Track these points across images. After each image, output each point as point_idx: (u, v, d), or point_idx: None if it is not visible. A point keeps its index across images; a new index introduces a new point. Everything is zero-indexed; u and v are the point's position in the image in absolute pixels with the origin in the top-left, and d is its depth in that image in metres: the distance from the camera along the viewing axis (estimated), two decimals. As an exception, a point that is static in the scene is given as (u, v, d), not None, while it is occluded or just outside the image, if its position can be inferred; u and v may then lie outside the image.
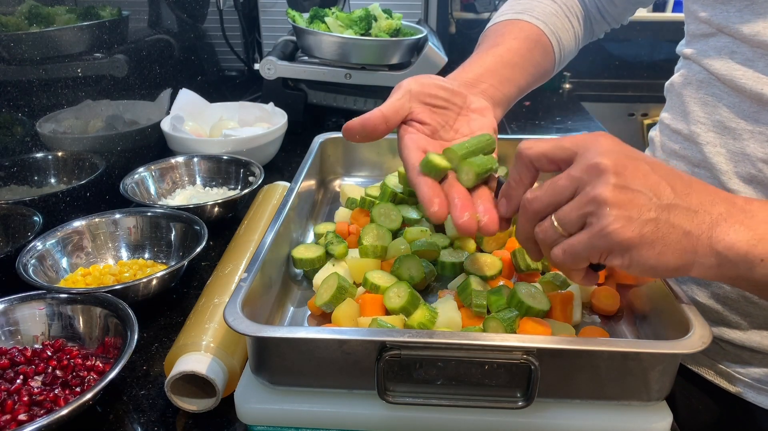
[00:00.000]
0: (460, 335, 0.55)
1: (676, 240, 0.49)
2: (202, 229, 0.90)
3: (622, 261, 0.50)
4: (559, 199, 0.51)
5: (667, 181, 0.50)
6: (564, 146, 0.52)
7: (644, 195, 0.49)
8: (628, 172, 0.49)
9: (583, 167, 0.50)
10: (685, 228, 0.49)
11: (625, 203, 0.48)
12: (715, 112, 0.70)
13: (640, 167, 0.50)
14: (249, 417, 0.60)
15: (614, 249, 0.50)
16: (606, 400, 0.57)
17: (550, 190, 0.52)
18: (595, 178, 0.49)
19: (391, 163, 1.03)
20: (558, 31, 0.87)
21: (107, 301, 0.74)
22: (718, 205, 0.51)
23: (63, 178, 1.04)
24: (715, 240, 0.50)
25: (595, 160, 0.49)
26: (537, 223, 0.54)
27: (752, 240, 0.50)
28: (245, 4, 1.82)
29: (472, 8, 2.19)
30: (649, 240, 0.49)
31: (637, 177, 0.49)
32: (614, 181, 0.48)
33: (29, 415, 0.63)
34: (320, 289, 0.71)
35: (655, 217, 0.49)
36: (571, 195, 0.51)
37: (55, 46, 1.01)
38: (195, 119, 1.35)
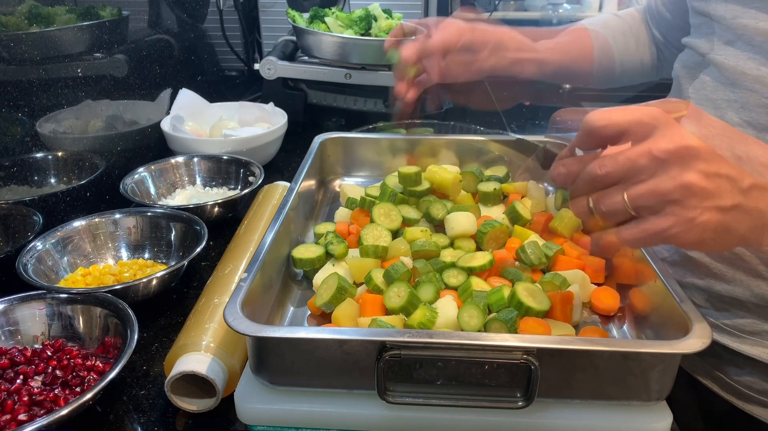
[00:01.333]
0: (460, 335, 0.55)
1: (750, 220, 0.50)
2: (202, 229, 0.90)
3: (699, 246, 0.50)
4: (636, 177, 0.49)
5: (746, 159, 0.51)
6: (643, 121, 0.49)
7: (731, 180, 0.48)
8: (715, 156, 0.48)
9: (670, 147, 0.47)
10: (759, 208, 0.50)
11: (713, 192, 0.47)
12: (701, 87, 0.75)
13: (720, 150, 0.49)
14: (249, 417, 0.60)
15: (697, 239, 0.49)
16: (606, 400, 0.57)
17: (626, 165, 0.49)
18: (684, 162, 0.47)
19: (391, 163, 1.03)
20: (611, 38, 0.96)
21: (107, 301, 0.74)
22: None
23: (63, 178, 1.04)
24: None
25: (682, 141, 0.47)
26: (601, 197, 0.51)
27: None
28: (245, 4, 1.82)
29: (472, 8, 2.19)
30: (728, 227, 0.49)
31: (723, 161, 0.48)
32: (704, 168, 0.47)
33: (29, 415, 0.63)
34: (320, 289, 0.71)
35: (737, 203, 0.48)
36: (650, 176, 0.48)
37: (55, 46, 1.01)
38: (195, 119, 1.35)
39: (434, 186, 0.92)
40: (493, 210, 0.90)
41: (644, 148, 0.48)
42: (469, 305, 0.66)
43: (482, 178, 0.96)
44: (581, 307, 0.71)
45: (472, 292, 0.69)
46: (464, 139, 1.03)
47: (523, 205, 0.86)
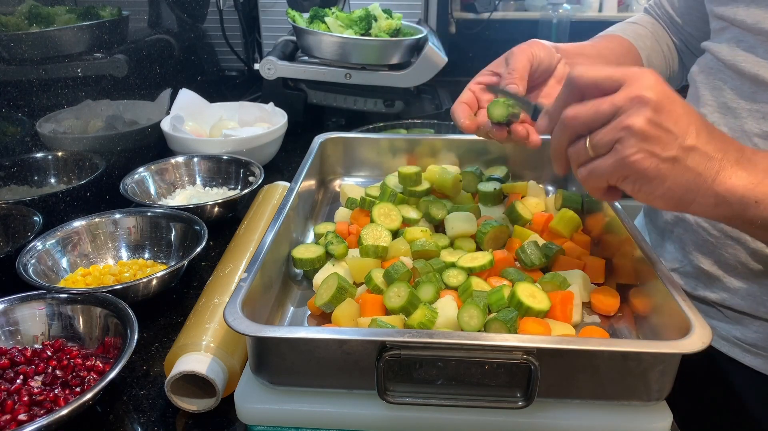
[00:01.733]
0: (460, 335, 0.55)
1: (686, 179, 0.54)
2: (202, 229, 0.90)
3: (633, 188, 0.56)
4: (597, 121, 0.55)
5: (695, 126, 0.54)
6: (614, 77, 0.55)
7: (672, 134, 0.53)
8: (665, 110, 0.53)
9: (627, 96, 0.53)
10: (697, 170, 0.54)
11: (653, 138, 0.53)
12: (720, 95, 0.75)
13: (676, 108, 0.54)
14: (249, 417, 0.60)
15: (630, 176, 0.55)
16: (606, 400, 0.57)
17: (592, 110, 0.55)
18: (634, 108, 0.53)
19: (391, 162, 1.03)
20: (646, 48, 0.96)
21: (107, 301, 0.73)
22: (730, 152, 0.56)
23: (63, 178, 1.04)
24: (718, 182, 0.55)
25: (640, 92, 0.53)
26: (572, 142, 0.58)
27: (749, 185, 0.55)
28: (245, 4, 1.82)
29: (472, 8, 2.19)
30: (663, 175, 0.54)
31: (671, 116, 0.53)
32: (650, 115, 0.52)
33: (29, 415, 0.63)
34: (320, 289, 0.71)
35: (675, 156, 0.54)
36: (609, 120, 0.54)
37: (55, 46, 1.00)
38: (195, 119, 1.35)
39: (434, 186, 0.92)
40: (493, 210, 0.90)
41: (609, 97, 0.54)
42: (469, 305, 0.66)
43: (482, 178, 0.96)
44: (581, 307, 0.71)
45: (472, 292, 0.69)
46: (464, 139, 1.03)
47: (523, 205, 0.86)
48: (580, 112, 0.56)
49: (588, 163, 0.57)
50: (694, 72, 0.82)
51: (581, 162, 0.57)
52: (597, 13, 2.24)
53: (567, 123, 0.57)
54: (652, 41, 0.98)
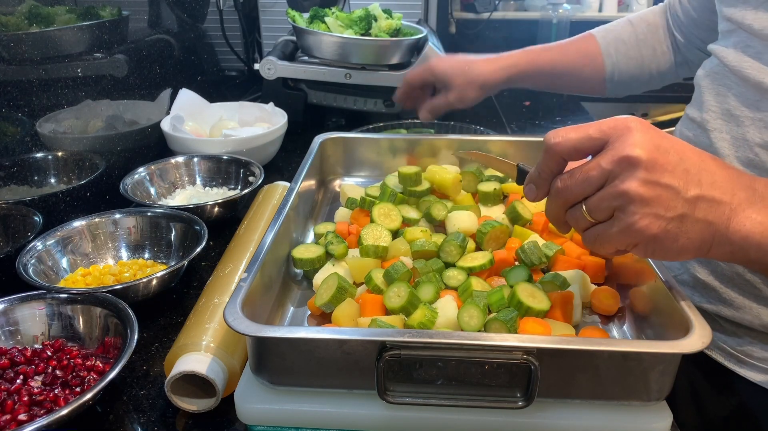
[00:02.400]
0: (460, 335, 0.55)
1: (698, 231, 0.52)
2: (202, 229, 0.90)
3: (646, 252, 0.53)
4: (590, 189, 0.53)
5: (695, 172, 0.51)
6: (593, 137, 0.52)
7: (672, 190, 0.50)
8: (658, 167, 0.50)
9: (614, 158, 0.50)
10: (707, 220, 0.52)
11: (653, 200, 0.50)
12: (724, 101, 0.73)
13: (671, 159, 0.51)
14: (249, 417, 0.60)
15: (640, 243, 0.52)
16: (606, 400, 0.57)
17: (581, 179, 0.53)
18: (626, 171, 0.50)
19: (391, 162, 1.03)
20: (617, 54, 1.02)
21: (107, 301, 0.74)
22: (738, 191, 0.53)
23: (63, 178, 1.04)
24: (732, 230, 0.52)
25: (626, 152, 0.50)
26: (568, 209, 0.56)
27: (766, 231, 0.52)
28: (245, 4, 1.82)
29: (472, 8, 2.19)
30: (674, 235, 0.51)
31: (666, 171, 0.50)
32: (644, 176, 0.50)
33: (29, 415, 0.63)
34: (320, 289, 0.71)
35: (682, 213, 0.51)
36: (601, 185, 0.52)
37: (55, 46, 1.00)
38: (195, 119, 1.35)
39: (434, 186, 0.92)
40: (493, 210, 0.90)
41: (595, 161, 0.52)
42: (469, 305, 0.66)
43: (482, 178, 0.96)
44: (581, 307, 0.71)
45: (472, 292, 0.69)
46: (464, 139, 1.03)
47: (523, 205, 0.86)
48: (569, 184, 0.54)
49: (591, 228, 0.55)
50: (699, 76, 0.81)
51: (583, 228, 0.55)
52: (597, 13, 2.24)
53: (558, 195, 0.56)
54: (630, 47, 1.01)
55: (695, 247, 0.53)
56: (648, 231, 0.51)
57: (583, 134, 0.53)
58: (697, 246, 0.53)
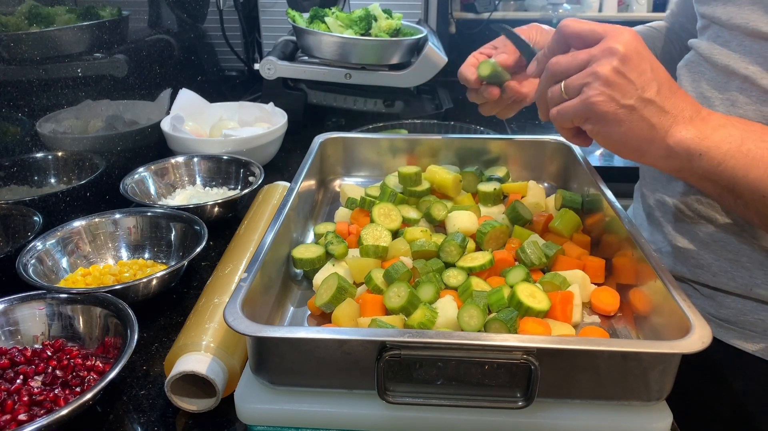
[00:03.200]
0: (460, 335, 0.55)
1: (640, 128, 0.61)
2: (202, 229, 0.90)
3: (593, 128, 0.63)
4: (574, 67, 0.62)
5: (657, 82, 0.60)
6: (596, 30, 0.62)
7: (633, 85, 0.59)
8: (631, 63, 0.59)
9: (601, 47, 0.60)
10: (651, 122, 0.61)
11: (615, 85, 0.59)
12: (698, 86, 0.81)
13: (643, 64, 0.60)
14: (249, 417, 0.60)
15: (591, 118, 0.62)
16: (606, 400, 0.57)
17: (570, 58, 0.63)
18: (604, 58, 0.60)
19: (391, 162, 1.03)
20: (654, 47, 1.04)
21: (107, 301, 0.74)
22: (686, 110, 0.62)
23: (63, 178, 1.04)
24: (669, 135, 0.61)
25: (611, 44, 0.60)
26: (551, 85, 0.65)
27: (696, 139, 0.61)
28: (245, 4, 1.82)
29: (472, 8, 2.19)
30: (619, 120, 0.60)
31: (635, 69, 0.59)
32: (616, 65, 0.59)
33: (29, 415, 0.63)
34: (320, 289, 0.71)
35: (632, 104, 0.60)
36: (584, 67, 0.61)
37: (55, 46, 1.00)
38: (195, 119, 1.35)
39: (434, 186, 0.92)
40: (493, 210, 0.90)
41: (588, 49, 0.62)
42: (469, 305, 0.66)
43: (482, 178, 0.96)
44: (581, 307, 0.71)
45: (472, 292, 0.69)
46: (464, 139, 1.03)
47: (523, 205, 0.86)
48: (561, 59, 0.64)
49: (559, 104, 0.64)
50: (679, 66, 0.88)
51: (555, 103, 0.65)
52: (597, 13, 2.24)
53: (549, 69, 0.65)
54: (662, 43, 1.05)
55: (635, 141, 0.61)
56: (600, 107, 0.60)
57: (590, 26, 0.63)
58: (636, 141, 0.61)
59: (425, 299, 0.68)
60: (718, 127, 0.62)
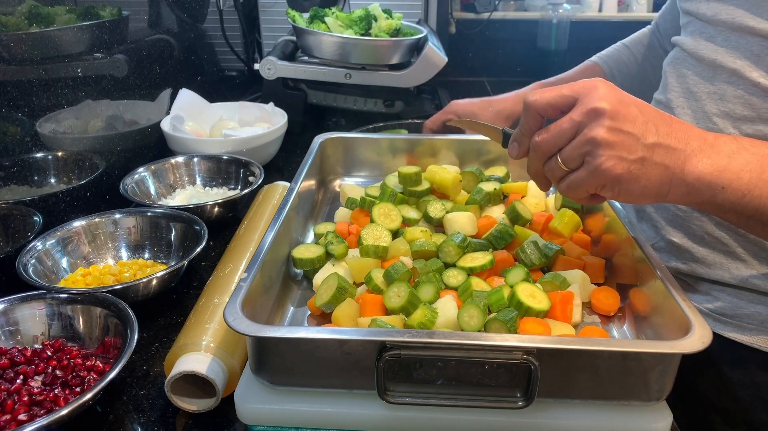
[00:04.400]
0: (460, 335, 0.55)
1: (657, 174, 0.59)
2: (202, 229, 0.90)
3: (613, 193, 0.61)
4: (563, 140, 0.60)
5: (653, 123, 0.59)
6: (565, 94, 0.60)
7: (633, 137, 0.58)
8: (621, 116, 0.57)
9: (583, 111, 0.58)
10: (664, 164, 0.59)
11: (617, 144, 0.57)
12: (684, 81, 0.81)
13: (631, 111, 0.58)
14: (249, 417, 0.60)
15: (607, 184, 0.60)
16: (606, 400, 0.57)
17: (555, 132, 0.60)
18: (593, 121, 0.58)
19: (391, 162, 1.03)
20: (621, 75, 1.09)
21: (107, 301, 0.73)
22: (692, 141, 0.60)
23: (63, 178, 1.04)
24: (687, 172, 0.60)
25: (593, 104, 0.58)
26: (545, 162, 0.63)
27: (715, 172, 0.60)
28: (245, 4, 1.82)
29: (472, 8, 2.19)
30: (636, 176, 0.59)
31: (628, 120, 0.58)
32: (609, 124, 0.57)
33: (29, 415, 0.63)
34: (320, 289, 0.71)
35: (642, 156, 0.58)
36: (573, 136, 0.59)
37: (55, 46, 1.00)
38: (195, 119, 1.35)
39: (434, 186, 0.92)
40: (493, 210, 0.90)
41: (567, 115, 0.59)
42: (469, 305, 0.66)
43: (482, 178, 0.96)
44: (581, 307, 0.71)
45: (472, 292, 0.69)
46: (464, 139, 1.03)
47: (523, 205, 0.86)
48: (545, 137, 0.61)
49: (565, 177, 0.62)
50: (665, 63, 0.89)
51: (558, 178, 0.62)
52: (597, 13, 2.24)
53: (537, 148, 0.63)
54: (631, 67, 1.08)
55: (655, 189, 0.60)
56: (613, 171, 0.58)
57: (557, 93, 0.61)
58: (656, 187, 0.60)
59: (425, 299, 0.68)
60: (732, 154, 0.60)
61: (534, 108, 0.62)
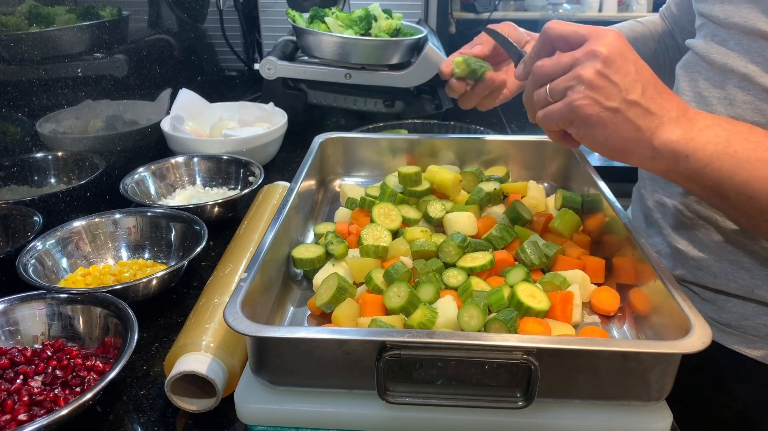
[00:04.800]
0: (460, 335, 0.55)
1: (625, 130, 0.60)
2: (202, 229, 0.90)
3: (578, 132, 0.63)
4: (558, 71, 0.62)
5: (642, 84, 0.60)
6: (580, 32, 0.62)
7: (617, 87, 0.59)
8: (614, 65, 0.59)
9: (584, 50, 0.60)
10: (636, 123, 0.60)
11: (599, 88, 0.59)
12: (696, 85, 0.80)
13: (627, 65, 0.59)
14: (249, 417, 0.60)
15: (575, 121, 0.62)
16: (606, 400, 0.57)
17: (554, 62, 0.63)
18: (587, 61, 0.60)
19: (391, 162, 1.03)
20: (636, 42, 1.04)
21: (107, 301, 0.74)
22: (672, 111, 0.61)
23: (63, 178, 1.04)
24: (655, 137, 0.60)
25: (595, 47, 0.59)
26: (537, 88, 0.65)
27: (682, 140, 0.60)
28: (245, 4, 1.82)
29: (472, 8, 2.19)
30: (604, 122, 0.60)
31: (619, 71, 0.59)
32: (599, 67, 0.59)
33: (29, 415, 0.63)
34: (320, 289, 0.71)
35: (616, 107, 0.59)
36: (568, 70, 0.61)
37: (55, 46, 1.00)
38: (195, 119, 1.35)
39: (434, 186, 0.92)
40: (493, 210, 0.90)
41: (571, 52, 0.62)
42: (469, 305, 0.66)
43: (482, 177, 0.96)
44: (581, 307, 0.71)
45: (472, 292, 0.69)
46: (464, 139, 1.03)
47: (523, 205, 0.86)
48: (546, 62, 0.64)
49: (545, 107, 0.64)
50: (677, 67, 0.88)
51: (541, 106, 0.65)
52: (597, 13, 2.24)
53: (535, 72, 0.65)
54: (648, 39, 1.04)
55: (620, 143, 0.61)
56: (584, 110, 0.60)
57: (573, 29, 0.63)
58: (621, 142, 0.61)
59: (425, 299, 0.68)
60: (705, 128, 0.61)
61: (548, 35, 0.65)
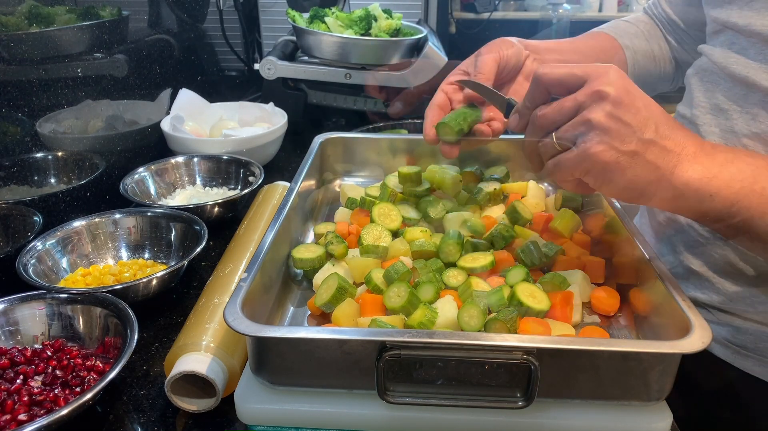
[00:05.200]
0: (460, 335, 0.55)
1: (646, 172, 0.57)
2: (202, 229, 0.90)
3: (596, 181, 0.59)
4: (563, 117, 0.59)
5: (654, 121, 0.57)
6: (575, 73, 0.58)
7: (630, 128, 0.56)
8: (624, 104, 0.56)
9: (588, 92, 0.56)
10: (656, 164, 0.57)
11: (612, 131, 0.55)
12: (713, 96, 0.76)
13: (636, 103, 0.56)
14: (249, 417, 0.60)
15: (592, 169, 0.58)
16: (606, 400, 0.57)
17: (557, 108, 0.59)
18: (595, 103, 0.56)
19: (391, 163, 1.03)
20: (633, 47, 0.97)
21: (107, 301, 0.73)
22: (688, 147, 0.58)
23: (63, 178, 1.04)
24: (676, 176, 0.57)
25: (599, 87, 0.56)
26: (541, 138, 0.61)
27: (704, 178, 0.57)
28: (245, 4, 1.82)
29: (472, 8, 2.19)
30: (623, 168, 0.56)
31: (630, 111, 0.56)
32: (609, 109, 0.55)
33: (29, 415, 0.63)
34: (320, 289, 0.71)
35: (634, 150, 0.56)
36: (573, 115, 0.58)
37: (55, 46, 1.00)
38: (195, 119, 1.35)
39: (434, 186, 0.92)
40: (493, 210, 0.90)
41: (573, 95, 0.58)
42: (469, 305, 0.66)
43: (482, 177, 0.96)
44: (581, 307, 0.71)
45: (472, 292, 0.69)
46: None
47: (523, 205, 0.86)
48: (547, 111, 0.60)
49: (555, 156, 0.60)
50: (689, 74, 0.83)
51: (549, 155, 0.61)
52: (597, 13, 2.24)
53: (536, 122, 0.61)
54: (642, 41, 0.99)
55: (641, 186, 0.58)
56: (601, 157, 0.56)
57: (568, 71, 0.59)
58: (642, 185, 0.58)
59: (425, 299, 0.68)
60: (726, 163, 0.58)
61: (542, 82, 0.60)
